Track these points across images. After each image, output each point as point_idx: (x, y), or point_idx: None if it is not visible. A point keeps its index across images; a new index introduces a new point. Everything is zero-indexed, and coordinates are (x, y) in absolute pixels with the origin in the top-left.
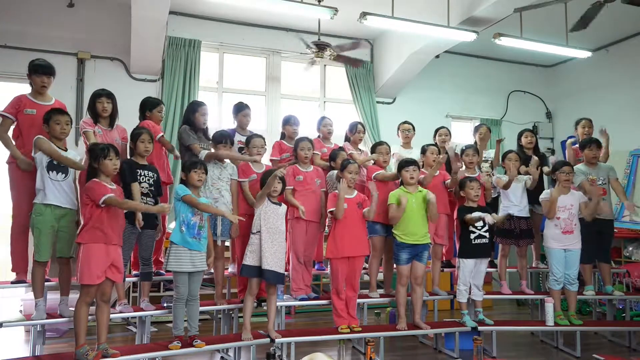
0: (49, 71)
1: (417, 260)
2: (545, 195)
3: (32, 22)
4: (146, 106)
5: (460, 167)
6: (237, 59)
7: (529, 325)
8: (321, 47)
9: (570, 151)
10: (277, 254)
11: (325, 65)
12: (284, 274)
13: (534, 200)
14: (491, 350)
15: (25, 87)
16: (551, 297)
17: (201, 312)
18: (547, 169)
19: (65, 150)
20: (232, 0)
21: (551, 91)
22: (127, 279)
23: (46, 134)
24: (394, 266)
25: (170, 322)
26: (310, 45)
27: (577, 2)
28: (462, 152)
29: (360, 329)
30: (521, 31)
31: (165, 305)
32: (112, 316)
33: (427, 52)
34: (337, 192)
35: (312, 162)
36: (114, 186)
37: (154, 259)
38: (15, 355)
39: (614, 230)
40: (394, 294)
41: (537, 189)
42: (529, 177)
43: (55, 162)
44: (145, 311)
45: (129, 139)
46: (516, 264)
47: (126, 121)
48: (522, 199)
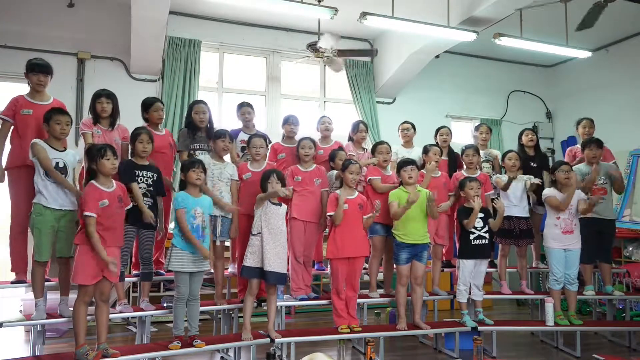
0: (46, 70)
1: (417, 260)
2: (548, 192)
3: (32, 22)
4: (144, 107)
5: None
6: (237, 59)
7: (529, 325)
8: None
9: (569, 157)
10: (279, 254)
11: (325, 65)
12: (286, 274)
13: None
14: (491, 350)
15: (25, 87)
16: (551, 297)
17: (201, 312)
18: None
19: (64, 150)
20: (232, 0)
21: (551, 91)
22: (127, 279)
23: (46, 133)
24: (394, 266)
25: (170, 322)
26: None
27: (577, 2)
28: (463, 152)
29: (360, 329)
30: (521, 31)
31: (165, 305)
32: (112, 316)
33: (427, 52)
34: (338, 194)
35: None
36: (114, 187)
37: (154, 259)
38: (15, 355)
39: (615, 230)
40: (394, 294)
41: (537, 189)
42: (529, 177)
43: (53, 163)
44: (145, 311)
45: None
46: (516, 264)
47: (126, 121)
48: (522, 199)
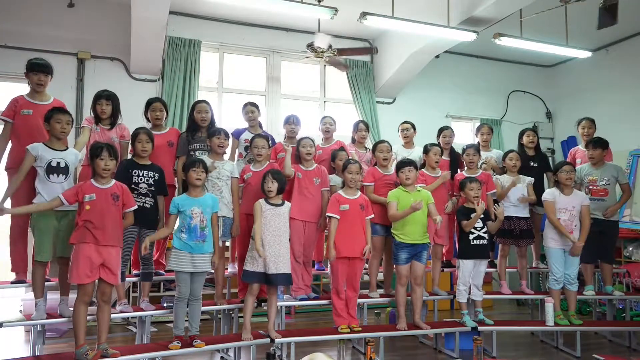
0: (46, 69)
1: (416, 260)
2: (547, 195)
3: (32, 22)
4: (145, 107)
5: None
6: (237, 59)
7: (529, 325)
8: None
9: (570, 159)
10: (283, 255)
11: (325, 65)
12: (290, 273)
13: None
14: (491, 350)
15: (25, 87)
16: (551, 297)
17: (201, 312)
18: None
19: (66, 149)
20: (232, 0)
21: (551, 91)
22: (127, 279)
23: (46, 133)
24: (394, 266)
25: (170, 322)
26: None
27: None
28: (463, 152)
29: (360, 329)
30: (521, 31)
31: (165, 305)
32: (112, 316)
33: (427, 52)
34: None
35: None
36: (110, 184)
37: (154, 259)
38: (15, 355)
39: (618, 231)
40: (394, 294)
41: (537, 189)
42: (530, 179)
43: (54, 164)
44: (145, 311)
45: (130, 139)
46: (516, 264)
47: (126, 121)
48: None
